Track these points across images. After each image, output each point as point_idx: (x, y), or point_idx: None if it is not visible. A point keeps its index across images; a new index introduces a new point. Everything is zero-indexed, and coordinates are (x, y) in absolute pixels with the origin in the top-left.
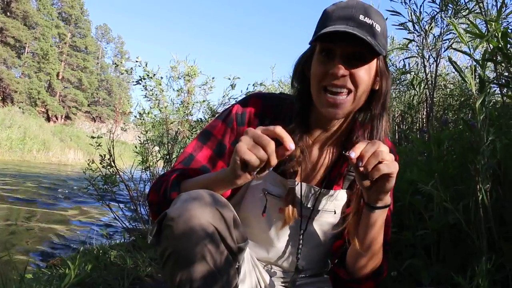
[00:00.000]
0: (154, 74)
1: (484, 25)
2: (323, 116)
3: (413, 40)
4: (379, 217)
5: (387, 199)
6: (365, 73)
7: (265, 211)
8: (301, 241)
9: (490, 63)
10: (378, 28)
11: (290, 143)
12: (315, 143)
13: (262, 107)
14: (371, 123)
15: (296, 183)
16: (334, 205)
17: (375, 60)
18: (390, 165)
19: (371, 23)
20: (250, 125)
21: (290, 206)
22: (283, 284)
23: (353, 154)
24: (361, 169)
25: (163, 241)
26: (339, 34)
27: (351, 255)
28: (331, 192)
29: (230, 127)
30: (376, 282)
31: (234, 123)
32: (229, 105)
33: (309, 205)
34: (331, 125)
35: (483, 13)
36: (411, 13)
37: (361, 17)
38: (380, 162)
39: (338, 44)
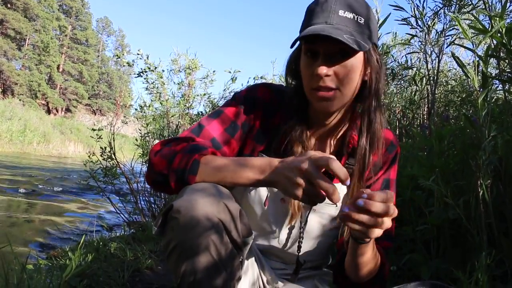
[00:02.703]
0: (156, 67)
1: (488, 21)
2: (319, 111)
3: (416, 36)
4: (367, 248)
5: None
6: (350, 69)
7: (266, 202)
8: (302, 234)
9: (492, 59)
10: (361, 20)
11: (335, 198)
12: (314, 137)
13: (270, 97)
14: (366, 115)
15: None
16: None
17: (362, 53)
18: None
19: (352, 17)
20: (255, 113)
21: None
22: (284, 277)
23: (362, 202)
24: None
25: (168, 233)
26: (318, 35)
27: (348, 265)
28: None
29: (242, 108)
30: (379, 285)
31: (244, 105)
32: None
33: None
34: (328, 119)
35: (487, 8)
36: (414, 8)
37: (341, 12)
38: (375, 226)
39: (319, 44)
